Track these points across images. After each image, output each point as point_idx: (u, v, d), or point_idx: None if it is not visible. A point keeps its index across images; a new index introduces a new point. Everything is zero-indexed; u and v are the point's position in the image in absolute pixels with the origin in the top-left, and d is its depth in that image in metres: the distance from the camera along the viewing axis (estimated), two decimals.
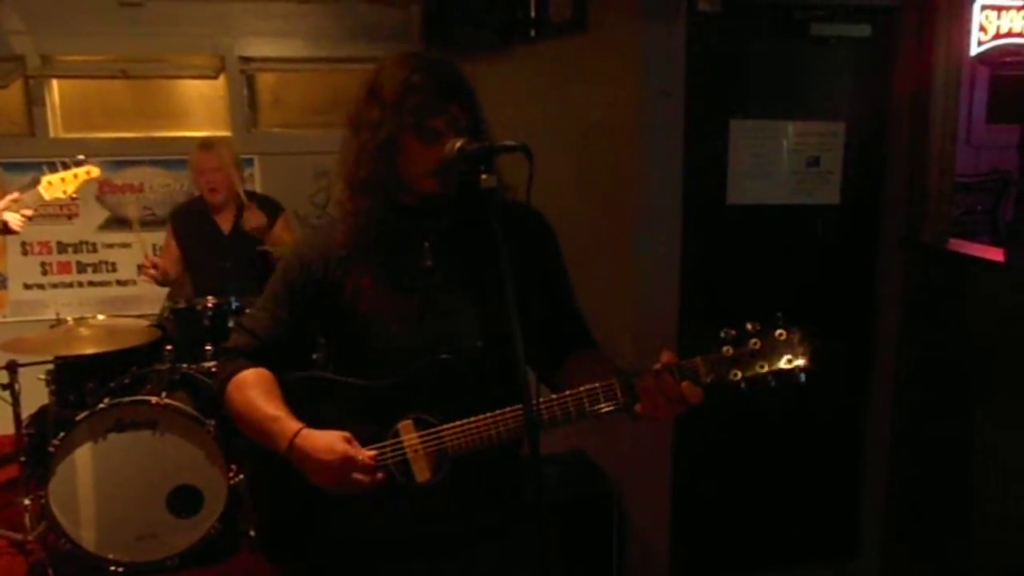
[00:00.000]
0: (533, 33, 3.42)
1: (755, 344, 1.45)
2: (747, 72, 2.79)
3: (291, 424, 1.55)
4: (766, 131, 2.82)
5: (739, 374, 1.46)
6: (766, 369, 1.45)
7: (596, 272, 3.04)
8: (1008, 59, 5.34)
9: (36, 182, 3.08)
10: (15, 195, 3.02)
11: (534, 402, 1.47)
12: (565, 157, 3.13)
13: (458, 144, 1.50)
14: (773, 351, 1.44)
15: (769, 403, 2.89)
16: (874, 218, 2.96)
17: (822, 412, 3.00)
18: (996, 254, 2.88)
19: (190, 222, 4.02)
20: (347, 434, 1.54)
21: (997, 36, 4.92)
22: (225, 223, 3.97)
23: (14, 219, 2.98)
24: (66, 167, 3.11)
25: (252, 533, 1.81)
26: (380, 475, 1.53)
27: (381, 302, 1.61)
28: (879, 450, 3.06)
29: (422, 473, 1.56)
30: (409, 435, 1.56)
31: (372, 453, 1.54)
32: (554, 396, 1.54)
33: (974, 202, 5.37)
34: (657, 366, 1.51)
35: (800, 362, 1.44)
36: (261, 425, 1.59)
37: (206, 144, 3.96)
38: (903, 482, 3.03)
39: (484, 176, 1.46)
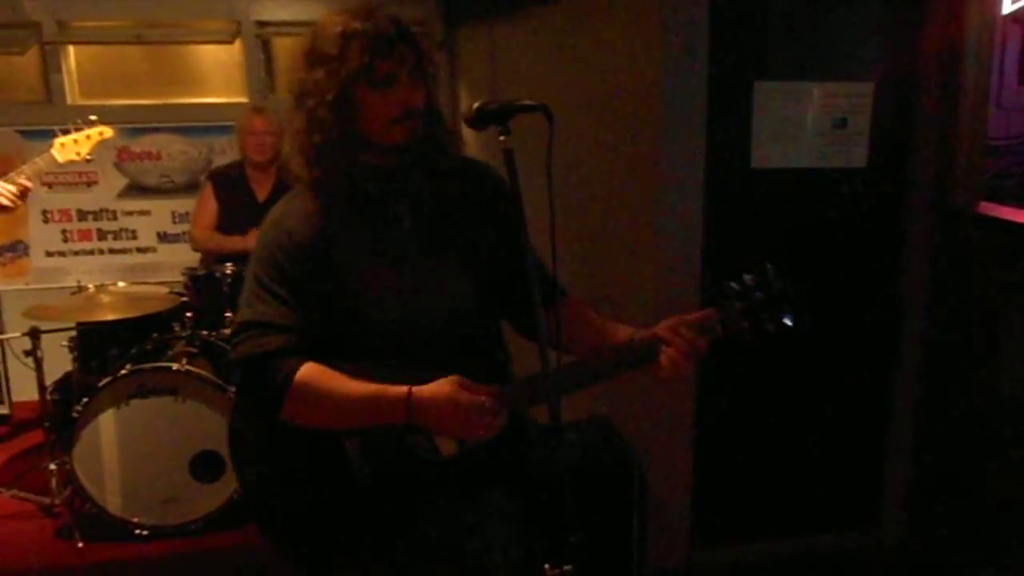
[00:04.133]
0: None
1: (760, 297, 1.54)
2: (772, 31, 2.72)
3: (397, 390, 1.49)
4: (792, 92, 2.75)
5: (746, 324, 1.54)
6: (767, 318, 1.54)
7: (616, 238, 3.00)
8: None
9: (50, 146, 3.05)
10: (23, 166, 2.98)
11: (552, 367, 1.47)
12: (584, 120, 3.08)
13: (476, 104, 1.48)
14: (773, 302, 1.54)
15: (793, 370, 2.90)
16: (903, 181, 2.89)
17: (848, 378, 2.97)
18: None
19: (227, 185, 4.09)
20: (456, 377, 1.50)
21: None
22: (261, 191, 4.05)
23: (7, 190, 2.91)
24: (78, 129, 3.08)
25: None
26: (502, 416, 1.51)
27: (370, 276, 1.57)
28: (904, 417, 3.02)
29: (447, 447, 1.57)
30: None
31: (487, 389, 1.51)
32: (579, 360, 1.58)
33: (1005, 165, 5.27)
34: (678, 326, 1.55)
35: (793, 310, 1.54)
36: (364, 405, 1.51)
37: (260, 108, 4.11)
38: (928, 450, 3.00)
39: (502, 138, 1.44)
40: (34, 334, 3.39)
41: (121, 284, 3.68)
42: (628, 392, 2.94)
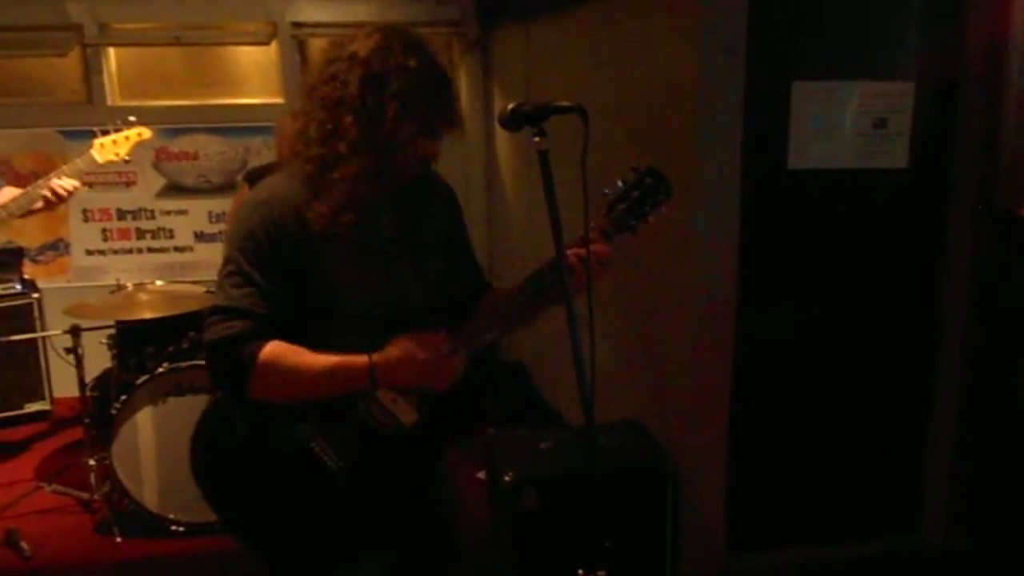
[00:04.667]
0: None
1: (636, 195, 1.69)
2: (811, 30, 2.68)
3: (359, 357, 1.57)
4: (831, 92, 2.71)
5: (634, 221, 1.70)
6: (648, 209, 1.70)
7: (649, 241, 2.97)
8: None
9: (90, 147, 3.11)
10: (64, 167, 3.04)
11: None
12: (618, 120, 3.06)
13: (511, 105, 1.48)
14: (649, 195, 1.70)
15: (831, 373, 2.85)
16: (945, 182, 2.83)
17: (887, 381, 2.92)
18: None
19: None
20: (408, 334, 1.59)
21: None
22: None
23: (60, 186, 2.98)
24: (117, 129, 3.13)
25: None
26: (460, 357, 1.63)
27: (351, 271, 1.62)
28: (945, 421, 2.97)
29: (408, 416, 1.67)
30: (381, 390, 1.65)
31: (438, 334, 1.61)
32: (510, 294, 1.73)
33: None
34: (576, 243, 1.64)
35: (664, 195, 1.72)
36: (329, 375, 1.57)
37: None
38: (969, 453, 2.94)
39: (537, 139, 1.44)
40: (75, 332, 3.44)
41: (159, 283, 3.73)
42: (661, 394, 2.91)
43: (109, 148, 3.09)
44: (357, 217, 1.59)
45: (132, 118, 3.19)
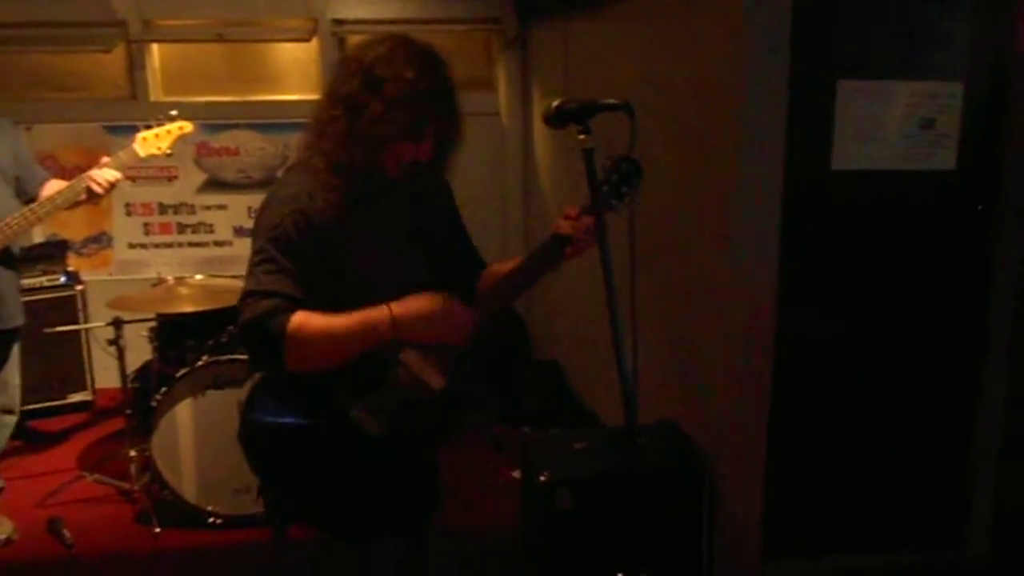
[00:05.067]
0: None
1: (615, 177, 1.78)
2: (857, 28, 2.63)
3: (379, 310, 1.67)
4: (876, 92, 2.66)
5: (617, 203, 1.80)
6: (626, 190, 1.80)
7: (689, 241, 2.95)
8: None
9: (132, 140, 3.15)
10: (106, 159, 3.09)
11: None
12: (658, 119, 3.03)
13: (555, 102, 1.48)
14: (627, 176, 1.78)
15: (874, 378, 2.81)
16: (993, 185, 2.77)
17: (931, 388, 2.86)
18: None
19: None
20: (425, 292, 1.72)
21: None
22: None
23: (102, 177, 3.04)
24: (160, 123, 3.18)
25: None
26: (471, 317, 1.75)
27: (370, 260, 1.75)
28: (991, 429, 2.90)
29: (436, 380, 1.78)
30: (408, 355, 1.75)
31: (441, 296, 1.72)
32: (514, 268, 1.88)
33: None
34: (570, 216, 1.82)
35: (637, 177, 1.80)
36: (352, 332, 1.66)
37: None
38: (1016, 464, 2.87)
39: (582, 137, 1.44)
40: (116, 324, 3.50)
41: (199, 277, 3.78)
42: (698, 396, 2.89)
43: (151, 142, 3.14)
44: (361, 208, 1.72)
45: (174, 112, 3.24)
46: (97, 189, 3.02)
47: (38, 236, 4.98)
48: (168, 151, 3.20)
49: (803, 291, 2.73)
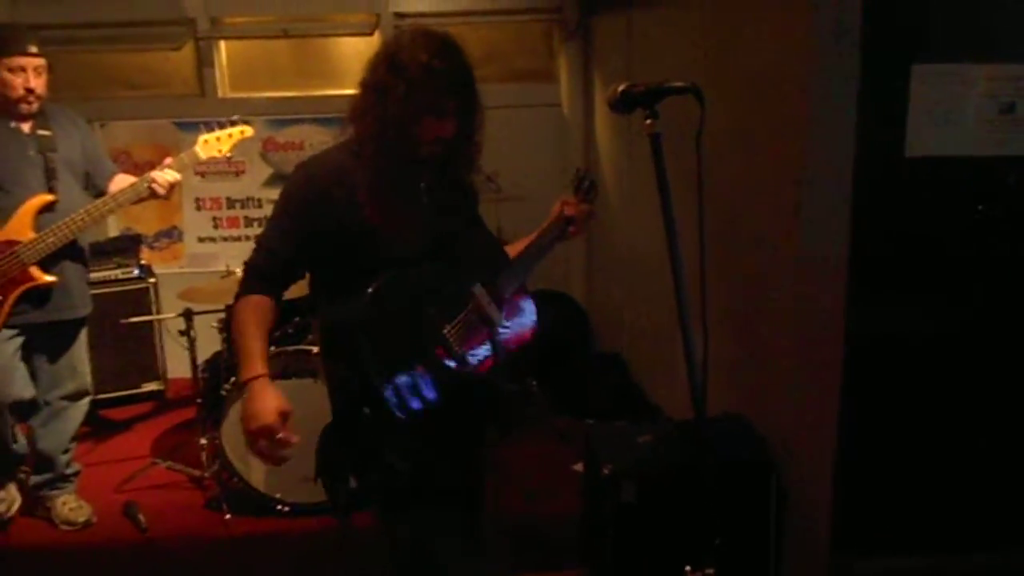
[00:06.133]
0: None
1: (588, 184, 2.26)
2: (932, 9, 2.54)
3: (258, 368, 1.91)
4: (953, 76, 2.57)
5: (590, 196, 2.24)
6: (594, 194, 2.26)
7: (756, 231, 2.90)
8: None
9: (194, 143, 3.22)
10: (169, 160, 3.17)
11: None
12: (724, 108, 2.97)
13: (621, 86, 1.46)
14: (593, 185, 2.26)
15: (953, 371, 2.71)
16: None
17: (1015, 383, 2.75)
18: None
19: None
20: (285, 408, 1.90)
21: None
22: None
23: (164, 180, 3.12)
24: (222, 127, 3.24)
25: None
26: (282, 453, 1.91)
27: (391, 214, 1.90)
28: None
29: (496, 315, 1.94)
30: (450, 332, 1.90)
31: (288, 434, 1.90)
32: (520, 252, 2.13)
33: None
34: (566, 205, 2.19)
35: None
36: (241, 349, 1.94)
37: None
38: None
39: (648, 121, 1.41)
40: (187, 315, 3.59)
41: None
42: (767, 388, 2.83)
43: (212, 145, 3.20)
44: (393, 190, 1.90)
45: (236, 117, 3.29)
46: (159, 191, 3.11)
47: (112, 230, 5.14)
48: (228, 154, 3.26)
49: (876, 283, 2.65)
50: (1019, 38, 2.57)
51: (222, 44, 5.22)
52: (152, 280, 4.75)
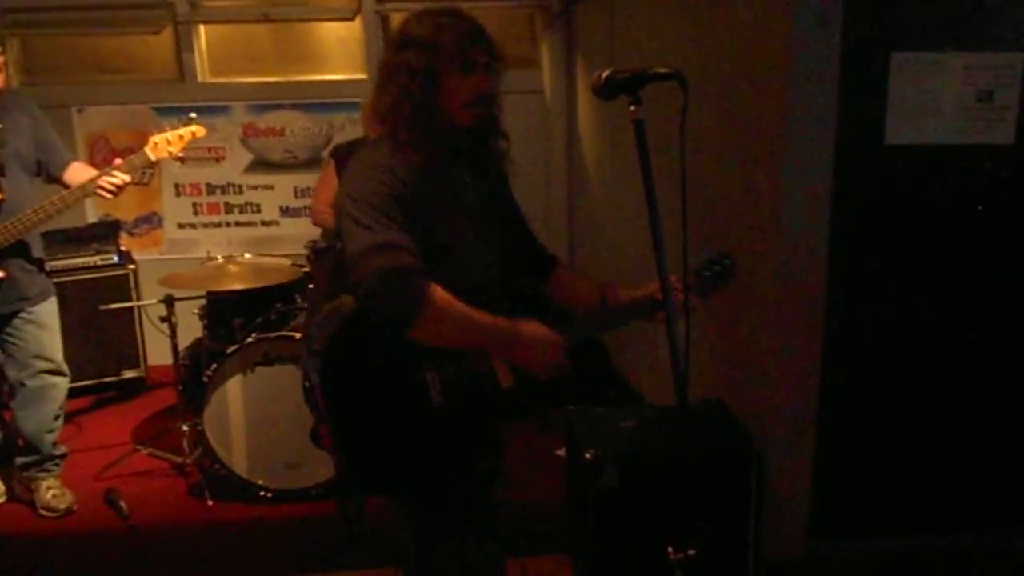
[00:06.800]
0: None
1: (718, 268, 2.01)
2: None
3: (507, 323, 1.75)
4: (932, 64, 2.59)
5: (714, 289, 2.00)
6: (722, 284, 2.01)
7: (737, 218, 2.91)
8: None
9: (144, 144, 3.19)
10: (119, 161, 3.13)
11: None
12: (705, 95, 2.99)
13: (605, 72, 1.46)
14: (723, 274, 2.02)
15: (929, 357, 2.75)
16: None
17: (986, 370, 2.80)
18: None
19: (349, 162, 4.16)
20: (538, 323, 1.78)
21: None
22: None
23: (109, 183, 3.08)
24: (173, 127, 3.21)
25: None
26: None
27: (452, 226, 1.79)
28: None
29: (506, 379, 1.80)
30: None
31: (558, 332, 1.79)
32: (603, 308, 1.96)
33: None
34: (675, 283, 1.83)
35: (728, 280, 2.04)
36: (483, 330, 1.74)
37: None
38: None
39: (632, 108, 1.41)
40: (168, 301, 3.57)
41: (247, 256, 3.83)
42: (747, 375, 2.86)
43: (163, 146, 3.16)
44: (438, 174, 1.77)
45: (193, 115, 3.26)
46: (104, 195, 3.09)
47: (91, 217, 5.10)
48: (180, 154, 3.22)
49: (855, 269, 2.68)
50: (997, 27, 2.59)
51: (202, 28, 5.17)
52: (132, 266, 4.72)
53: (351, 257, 1.69)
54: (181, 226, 5.26)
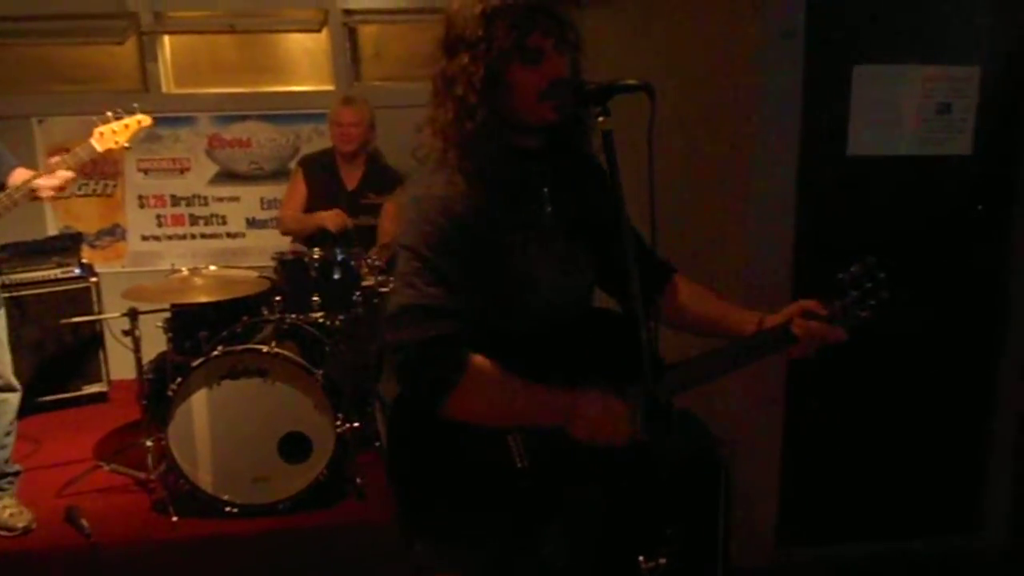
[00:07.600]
0: None
1: (870, 285, 1.67)
2: (872, 12, 2.61)
3: (564, 395, 1.49)
4: (892, 76, 2.65)
5: (864, 313, 1.66)
6: (874, 304, 1.66)
7: (703, 227, 2.94)
8: None
9: (89, 135, 3.11)
10: (56, 159, 3.05)
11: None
12: (674, 103, 3.02)
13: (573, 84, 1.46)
14: (878, 289, 1.67)
15: (891, 367, 2.79)
16: (1010, 170, 2.75)
17: (948, 377, 2.85)
18: None
19: (317, 171, 4.20)
20: (602, 395, 1.50)
21: None
22: (350, 180, 4.16)
23: (49, 184, 2.99)
24: (118, 117, 3.14)
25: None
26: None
27: (526, 257, 1.54)
28: (1008, 417, 2.89)
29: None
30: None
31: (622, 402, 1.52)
32: (712, 351, 1.68)
33: None
34: (807, 321, 1.65)
35: (887, 294, 1.67)
36: (530, 404, 1.50)
37: (349, 99, 4.17)
38: None
39: (601, 119, 1.42)
40: (132, 315, 3.50)
41: (212, 268, 3.78)
42: (716, 384, 2.88)
43: (109, 137, 3.09)
44: (506, 197, 1.52)
45: (135, 105, 3.21)
46: (44, 196, 3.00)
47: (51, 229, 5.01)
48: (127, 144, 3.15)
49: (819, 279, 2.70)
50: (956, 40, 2.66)
51: (166, 39, 5.12)
52: (94, 279, 4.63)
53: (387, 315, 1.50)
54: (145, 238, 5.18)
